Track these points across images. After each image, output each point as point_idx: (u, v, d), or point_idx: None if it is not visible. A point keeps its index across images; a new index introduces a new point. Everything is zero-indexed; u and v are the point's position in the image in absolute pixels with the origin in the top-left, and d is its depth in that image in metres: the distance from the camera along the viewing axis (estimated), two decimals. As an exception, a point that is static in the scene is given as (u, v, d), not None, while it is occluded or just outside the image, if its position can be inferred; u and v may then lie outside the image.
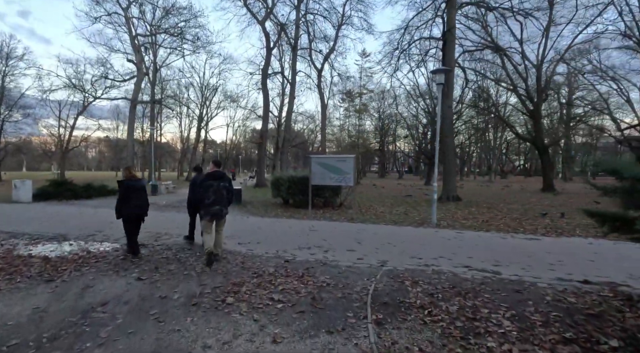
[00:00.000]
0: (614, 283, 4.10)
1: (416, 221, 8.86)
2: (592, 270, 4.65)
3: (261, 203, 13.67)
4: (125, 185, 5.41)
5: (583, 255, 5.49)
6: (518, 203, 14.57)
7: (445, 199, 14.30)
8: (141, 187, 5.61)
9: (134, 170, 5.90)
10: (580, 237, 6.94)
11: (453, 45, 14.22)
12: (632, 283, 4.15)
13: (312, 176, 9.80)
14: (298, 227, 8.13)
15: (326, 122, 36.66)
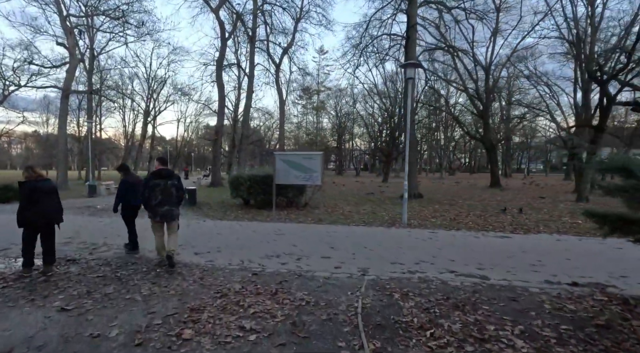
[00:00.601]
0: (600, 284, 4.00)
1: (386, 221, 8.55)
2: (573, 270, 4.57)
3: (219, 204, 12.59)
4: (28, 187, 4.34)
5: (557, 253, 5.48)
6: (473, 199, 15.09)
7: (408, 196, 14.32)
8: (50, 189, 4.56)
9: (39, 169, 4.82)
10: (546, 234, 7.07)
11: (414, 43, 14.28)
12: (615, 282, 4.08)
13: (277, 174, 9.07)
14: (263, 231, 7.38)
15: (284, 120, 35.82)
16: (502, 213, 10.05)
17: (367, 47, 16.42)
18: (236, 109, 31.25)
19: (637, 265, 4.81)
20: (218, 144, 23.03)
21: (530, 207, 11.83)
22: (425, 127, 47.41)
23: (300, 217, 9.30)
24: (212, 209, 11.26)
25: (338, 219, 8.94)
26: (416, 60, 15.37)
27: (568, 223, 8.25)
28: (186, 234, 7.02)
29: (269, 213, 9.88)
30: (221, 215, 9.92)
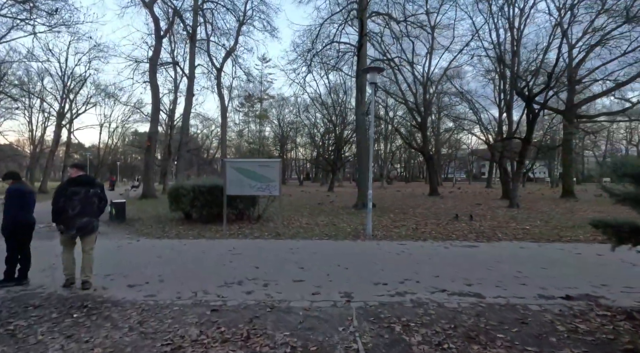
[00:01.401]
0: (591, 296, 3.89)
1: (350, 233, 8.03)
2: (554, 280, 4.47)
3: (154, 219, 10.92)
4: None
5: (529, 261, 5.45)
6: (421, 207, 15.50)
7: (361, 205, 14.14)
8: None
9: None
10: (506, 241, 7.19)
11: (365, 51, 14.35)
12: (601, 292, 4.03)
13: (228, 184, 8.01)
14: (214, 250, 6.30)
15: (226, 127, 33.99)
16: (455, 220, 10.26)
17: (317, 54, 16.12)
18: (172, 114, 28.68)
19: (604, 270, 4.92)
20: (151, 152, 20.63)
21: (474, 213, 12.40)
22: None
23: (255, 232, 8.33)
24: (147, 226, 9.65)
25: (298, 232, 8.18)
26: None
27: (518, 229, 8.62)
28: (116, 259, 5.65)
29: (218, 229, 8.71)
30: (159, 233, 8.47)
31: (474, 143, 66.39)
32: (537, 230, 8.48)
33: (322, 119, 46.05)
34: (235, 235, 7.98)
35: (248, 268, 5.09)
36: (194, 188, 9.51)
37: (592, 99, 23.37)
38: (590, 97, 23.36)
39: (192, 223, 9.85)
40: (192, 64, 17.75)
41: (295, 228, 8.80)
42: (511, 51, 20.61)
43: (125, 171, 69.55)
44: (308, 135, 52.71)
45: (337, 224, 9.54)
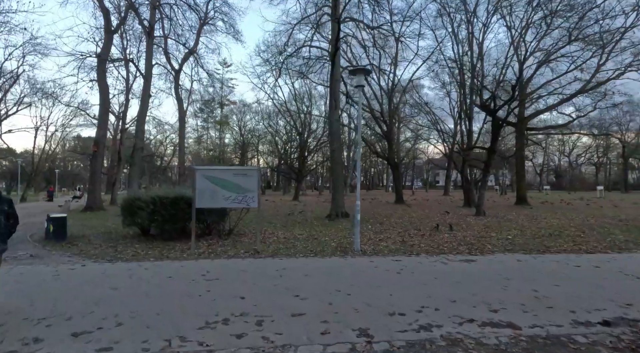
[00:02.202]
0: (628, 320, 3.56)
1: (336, 249, 7.33)
2: (580, 302, 4.10)
3: (103, 237, 9.41)
4: None
5: (539, 278, 5.12)
6: (394, 216, 15.29)
7: (335, 215, 13.55)
8: None
9: None
10: (499, 253, 6.95)
11: (339, 57, 13.98)
12: (634, 314, 3.73)
13: (198, 195, 6.94)
14: (184, 276, 5.26)
15: (185, 133, 31.92)
16: (436, 230, 10.02)
17: (288, 58, 15.44)
18: (123, 117, 26.17)
19: (617, 286, 4.73)
20: (99, 159, 18.42)
21: (449, 222, 12.35)
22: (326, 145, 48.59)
23: (229, 249, 7.33)
24: (94, 245, 8.19)
25: (278, 249, 7.31)
26: (341, 75, 15.11)
27: (502, 239, 8.51)
28: (53, 293, 4.43)
29: (183, 247, 7.57)
30: (111, 254, 7.14)
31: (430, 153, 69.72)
32: (520, 239, 8.44)
33: (284, 127, 45.29)
34: (205, 254, 6.93)
35: (231, 299, 4.18)
36: (154, 199, 8.25)
37: (540, 113, 25.21)
38: (538, 111, 25.25)
39: (150, 241, 8.55)
40: (150, 62, 16.17)
41: (273, 244, 7.92)
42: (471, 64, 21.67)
43: (65, 179, 62.94)
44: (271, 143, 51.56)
45: (318, 237, 8.80)
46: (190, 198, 8.53)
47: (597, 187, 40.65)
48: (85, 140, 54.91)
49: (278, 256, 6.66)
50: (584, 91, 21.88)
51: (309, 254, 6.87)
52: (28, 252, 7.59)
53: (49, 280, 5.15)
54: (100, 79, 17.10)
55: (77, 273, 5.56)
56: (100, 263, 6.35)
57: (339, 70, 14.01)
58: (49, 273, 5.51)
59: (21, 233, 10.74)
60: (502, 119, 14.87)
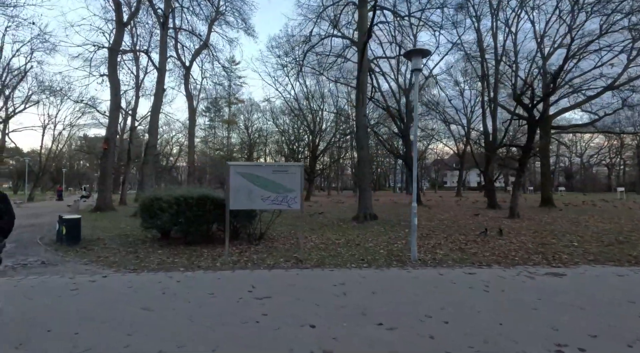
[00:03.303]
0: None
1: (389, 258, 6.40)
2: None
3: (120, 240, 8.57)
4: None
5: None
6: (423, 218, 14.31)
7: (362, 218, 12.63)
8: None
9: None
10: (583, 264, 5.97)
11: (367, 47, 13.05)
12: None
13: (232, 194, 6.05)
14: (226, 292, 4.37)
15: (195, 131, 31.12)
16: (485, 235, 9.05)
17: (313, 48, 14.52)
18: (133, 114, 25.43)
19: None
20: (109, 157, 17.65)
21: (494, 226, 11.37)
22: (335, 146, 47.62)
23: (265, 257, 6.44)
24: (111, 250, 7.34)
25: (323, 257, 6.40)
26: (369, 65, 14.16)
27: (569, 246, 7.53)
28: (73, 314, 3.55)
29: (212, 253, 6.70)
30: (133, 261, 6.28)
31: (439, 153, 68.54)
32: (589, 247, 7.45)
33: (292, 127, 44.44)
34: (241, 263, 6.04)
35: (299, 329, 3.28)
36: (178, 199, 7.39)
37: (567, 110, 24.12)
38: (564, 109, 24.14)
39: (172, 245, 7.69)
40: (164, 55, 15.37)
41: (313, 251, 7.01)
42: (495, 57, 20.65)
43: (71, 179, 62.66)
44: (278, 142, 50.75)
45: (360, 243, 7.87)
46: (216, 198, 7.71)
47: (618, 188, 39.32)
48: (91, 140, 54.48)
49: (326, 267, 5.75)
50: (614, 87, 20.77)
51: (360, 263, 5.95)
52: (39, 258, 6.76)
53: (66, 296, 4.28)
54: (112, 73, 16.33)
55: (99, 287, 4.69)
56: (123, 273, 5.48)
57: (367, 61, 13.09)
58: (65, 287, 4.65)
59: (30, 235, 9.96)
60: (541, 114, 13.85)
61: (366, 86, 13.02)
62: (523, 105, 14.79)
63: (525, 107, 14.62)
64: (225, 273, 5.36)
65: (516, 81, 15.04)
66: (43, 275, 5.47)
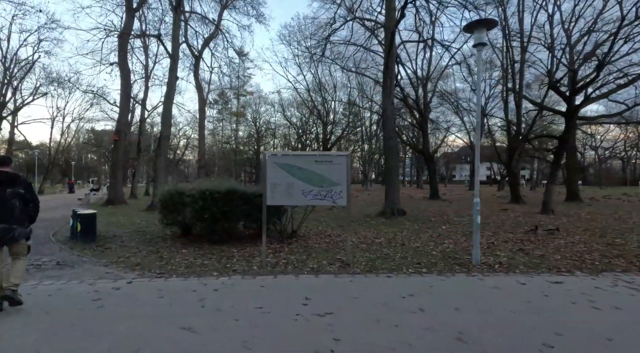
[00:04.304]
0: None
1: (448, 261, 5.63)
2: None
3: (138, 237, 7.93)
4: None
5: None
6: (451, 214, 13.51)
7: (390, 213, 11.86)
8: None
9: None
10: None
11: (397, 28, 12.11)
12: None
13: (270, 189, 5.31)
14: (277, 306, 3.64)
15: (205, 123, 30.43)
16: (534, 233, 8.23)
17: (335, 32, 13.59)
18: (143, 105, 24.75)
19: None
20: (120, 149, 17.03)
21: (526, 223, 10.53)
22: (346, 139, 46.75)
23: (305, 258, 5.70)
24: (131, 249, 6.68)
25: (371, 260, 5.64)
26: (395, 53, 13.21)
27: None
28: (103, 338, 2.83)
29: (243, 254, 6.00)
30: (157, 262, 5.60)
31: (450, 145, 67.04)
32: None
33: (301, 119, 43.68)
34: (279, 266, 5.31)
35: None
36: (204, 193, 6.67)
37: (598, 99, 22.86)
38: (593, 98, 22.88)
39: (196, 244, 7.00)
40: (176, 40, 14.56)
41: (357, 252, 6.26)
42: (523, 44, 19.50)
43: (81, 172, 62.67)
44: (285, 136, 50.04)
45: (404, 243, 7.10)
46: (245, 193, 6.99)
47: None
48: (100, 133, 54.18)
49: (380, 272, 5.00)
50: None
51: (417, 268, 5.19)
52: (54, 258, 6.12)
53: (90, 309, 3.59)
54: (122, 60, 15.60)
55: (125, 297, 4.00)
56: (150, 278, 4.79)
57: (394, 45, 12.16)
58: (87, 297, 3.96)
59: (43, 230, 9.37)
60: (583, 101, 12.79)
61: (394, 73, 12.13)
62: (560, 93, 13.79)
63: (563, 96, 13.63)
64: (267, 279, 4.63)
65: (552, 67, 13.98)
66: (60, 279, 4.81)
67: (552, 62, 13.88)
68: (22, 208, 3.61)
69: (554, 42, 14.18)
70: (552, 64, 13.88)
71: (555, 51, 13.87)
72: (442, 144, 43.96)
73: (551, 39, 14.05)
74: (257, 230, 7.62)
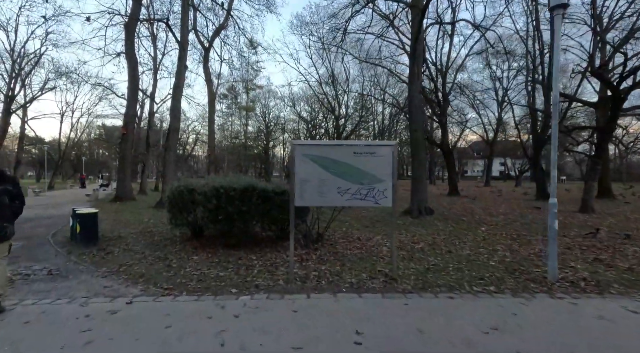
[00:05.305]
0: None
1: (517, 276, 4.60)
2: None
3: (144, 240, 7.08)
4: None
5: None
6: (479, 213, 12.42)
7: (417, 212, 10.82)
8: None
9: None
10: None
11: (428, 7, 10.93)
12: None
13: (299, 186, 4.37)
14: (322, 342, 2.70)
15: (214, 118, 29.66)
16: (594, 237, 7.14)
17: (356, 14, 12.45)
18: (151, 97, 24.02)
19: None
20: (128, 143, 16.30)
21: (569, 223, 9.39)
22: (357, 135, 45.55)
23: (340, 271, 4.75)
24: (135, 255, 5.82)
25: (420, 274, 4.66)
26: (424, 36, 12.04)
27: None
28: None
29: (264, 262, 5.08)
30: (164, 273, 4.72)
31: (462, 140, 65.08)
32: None
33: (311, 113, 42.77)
34: (310, 280, 4.37)
35: None
36: (218, 191, 5.76)
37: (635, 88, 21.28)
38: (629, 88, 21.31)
39: (208, 247, 6.12)
40: (185, 27, 13.65)
41: (399, 261, 5.28)
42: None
43: (92, 167, 62.84)
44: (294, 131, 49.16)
45: (451, 250, 6.06)
46: (264, 190, 6.06)
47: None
48: (110, 129, 54.05)
49: (437, 290, 4.02)
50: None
51: (481, 285, 4.19)
52: (47, 266, 5.30)
53: (73, 346, 2.71)
54: (129, 48, 14.78)
55: (122, 324, 3.11)
56: (154, 296, 3.90)
57: (422, 27, 11.03)
58: (74, 325, 3.09)
59: (45, 230, 8.64)
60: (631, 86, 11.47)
61: (422, 58, 11.02)
62: (603, 79, 12.49)
63: (608, 83, 12.33)
64: (299, 300, 3.70)
65: (594, 52, 12.66)
66: (47, 296, 3.97)
67: (594, 45, 12.54)
68: (10, 205, 3.57)
69: (598, 21, 12.75)
70: (594, 46, 12.54)
71: (598, 32, 12.49)
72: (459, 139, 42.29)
73: (594, 18, 12.65)
74: (277, 232, 6.72)
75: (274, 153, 59.97)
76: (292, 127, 50.97)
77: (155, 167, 45.89)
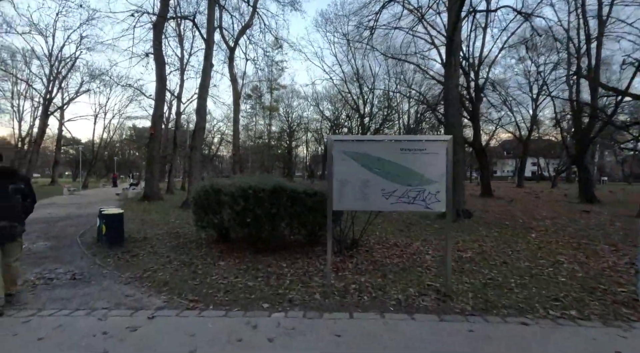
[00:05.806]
0: None
1: (598, 296, 3.86)
2: None
3: (169, 242, 6.80)
4: None
5: None
6: (521, 216, 11.41)
7: (455, 215, 10.01)
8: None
9: None
10: None
11: None
12: None
13: (337, 187, 3.86)
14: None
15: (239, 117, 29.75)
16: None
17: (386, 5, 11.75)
18: (178, 98, 24.33)
19: None
20: (156, 142, 16.42)
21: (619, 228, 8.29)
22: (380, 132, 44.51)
23: (384, 284, 4.18)
24: (160, 259, 5.51)
25: (479, 290, 4.01)
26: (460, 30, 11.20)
27: None
28: None
29: (296, 269, 4.60)
30: (189, 281, 4.33)
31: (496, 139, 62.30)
32: None
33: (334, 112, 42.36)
34: (350, 294, 3.84)
35: None
36: (245, 191, 5.34)
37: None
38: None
39: (235, 252, 5.73)
40: (211, 24, 13.52)
41: (456, 274, 4.66)
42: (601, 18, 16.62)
43: (123, 167, 65.36)
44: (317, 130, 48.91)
45: (507, 261, 5.34)
46: (294, 191, 5.59)
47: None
48: (140, 130, 55.92)
49: (505, 312, 3.38)
50: None
51: (558, 308, 3.49)
52: (71, 269, 5.08)
53: None
54: (156, 49, 14.85)
55: (140, 346, 2.71)
56: (178, 309, 3.49)
57: (459, 17, 10.20)
58: (89, 344, 2.72)
59: (75, 229, 8.62)
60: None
61: (459, 50, 10.22)
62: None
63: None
64: (341, 321, 3.18)
65: None
66: (67, 304, 3.67)
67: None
68: (21, 205, 3.59)
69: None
70: None
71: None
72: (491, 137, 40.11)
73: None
74: (305, 236, 6.24)
75: (297, 152, 59.98)
76: (315, 127, 50.78)
77: (182, 167, 46.96)
